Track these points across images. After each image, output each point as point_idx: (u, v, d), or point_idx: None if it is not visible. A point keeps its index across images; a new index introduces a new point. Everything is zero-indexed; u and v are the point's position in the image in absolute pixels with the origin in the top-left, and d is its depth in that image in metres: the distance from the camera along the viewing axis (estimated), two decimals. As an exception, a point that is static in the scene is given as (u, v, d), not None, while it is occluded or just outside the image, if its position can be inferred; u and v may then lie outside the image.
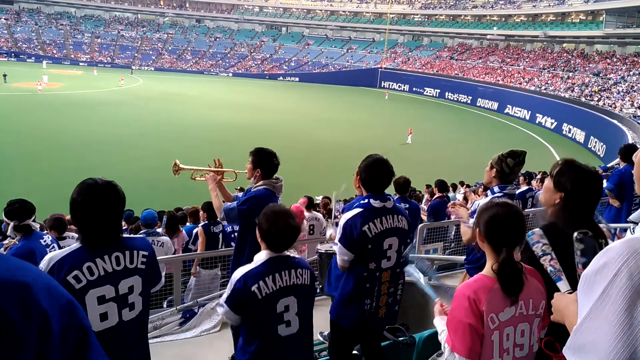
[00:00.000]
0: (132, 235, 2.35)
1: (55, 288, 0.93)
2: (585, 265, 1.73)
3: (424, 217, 7.81)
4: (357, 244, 2.94)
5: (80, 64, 65.48)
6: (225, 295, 2.45)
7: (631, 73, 39.37)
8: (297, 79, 67.54)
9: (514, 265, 1.90)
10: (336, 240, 3.01)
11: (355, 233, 2.91)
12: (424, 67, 63.77)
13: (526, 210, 6.11)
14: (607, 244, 2.03)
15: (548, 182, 2.17)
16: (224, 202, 3.83)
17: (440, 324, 2.09)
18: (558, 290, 1.74)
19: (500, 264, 1.86)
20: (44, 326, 0.85)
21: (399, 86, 62.33)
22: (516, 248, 1.94)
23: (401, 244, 3.09)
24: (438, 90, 57.17)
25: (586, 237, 1.76)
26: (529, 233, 1.79)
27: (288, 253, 2.57)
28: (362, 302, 3.02)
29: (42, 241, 3.89)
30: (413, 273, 2.62)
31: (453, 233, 7.28)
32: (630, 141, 22.01)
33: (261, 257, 2.50)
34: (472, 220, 3.42)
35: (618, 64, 43.16)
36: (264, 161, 3.62)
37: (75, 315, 0.94)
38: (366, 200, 3.01)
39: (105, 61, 69.08)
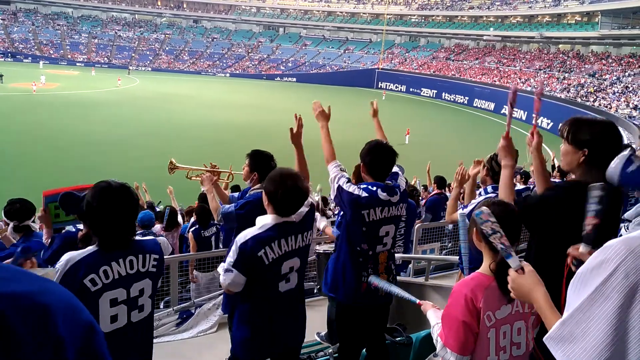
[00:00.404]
0: (143, 238, 2.35)
1: (76, 310, 0.88)
2: (597, 214, 1.70)
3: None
4: (352, 220, 2.95)
5: (77, 64, 65.24)
6: (230, 260, 2.40)
7: (626, 74, 39.53)
8: (294, 79, 67.49)
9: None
10: (345, 185, 2.95)
11: (353, 210, 2.91)
12: (420, 68, 63.84)
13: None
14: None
15: (564, 146, 2.12)
16: (221, 204, 3.82)
17: (433, 316, 2.09)
18: (556, 287, 1.75)
19: (498, 263, 1.85)
20: (58, 353, 0.81)
21: (396, 87, 62.37)
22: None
23: (396, 230, 3.11)
24: (435, 91, 57.22)
25: (605, 189, 1.74)
26: (476, 212, 1.75)
27: (294, 219, 2.52)
28: (358, 274, 3.01)
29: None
30: (380, 282, 2.59)
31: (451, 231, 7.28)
32: (625, 141, 22.08)
33: (267, 221, 2.45)
34: (462, 211, 3.44)
35: (613, 64, 43.31)
36: (261, 165, 3.60)
37: (92, 341, 0.89)
38: (374, 189, 2.95)
39: (103, 61, 68.90)
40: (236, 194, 4.00)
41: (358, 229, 2.95)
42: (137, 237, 2.29)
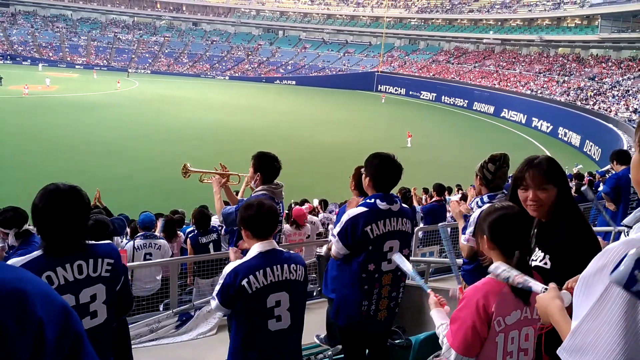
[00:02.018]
0: (98, 242, 2.26)
1: (51, 295, 0.93)
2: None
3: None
4: (357, 244, 2.92)
5: (77, 66, 65.34)
6: (216, 289, 2.45)
7: (626, 77, 39.56)
8: (293, 82, 67.53)
9: (529, 268, 1.90)
10: (334, 232, 2.98)
11: (357, 233, 2.89)
12: (420, 71, 63.91)
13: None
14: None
15: (541, 193, 2.16)
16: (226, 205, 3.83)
17: (438, 316, 2.08)
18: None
19: (515, 267, 1.84)
20: (39, 335, 0.86)
21: (396, 90, 62.37)
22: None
23: (402, 247, 3.06)
24: (434, 94, 57.25)
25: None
26: (489, 270, 1.76)
27: (280, 248, 2.56)
28: (359, 303, 3.01)
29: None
30: (404, 265, 2.56)
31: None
32: (625, 145, 22.12)
33: (253, 251, 2.49)
34: (468, 231, 3.36)
35: (613, 68, 43.36)
36: (265, 166, 3.61)
37: (69, 322, 0.94)
38: (372, 201, 2.97)
39: (102, 64, 68.91)
40: (245, 198, 4.01)
41: (365, 249, 2.93)
42: (92, 242, 2.20)
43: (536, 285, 1.61)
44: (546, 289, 1.57)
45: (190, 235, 6.03)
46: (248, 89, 56.36)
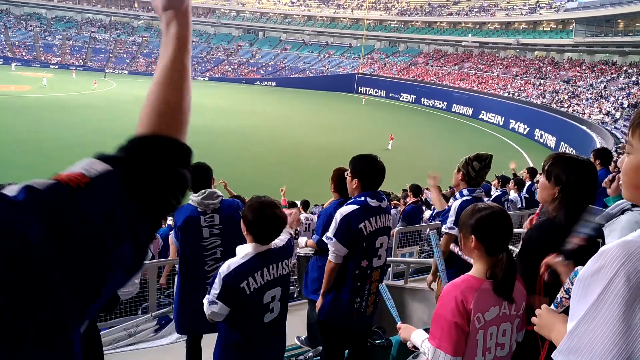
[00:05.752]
0: None
1: None
2: (587, 238, 1.76)
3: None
4: (352, 241, 2.97)
5: (51, 66, 64.03)
6: (215, 292, 2.39)
7: (599, 81, 40.51)
8: (274, 83, 67.39)
9: (515, 268, 1.92)
10: (330, 235, 3.00)
11: (352, 229, 2.95)
12: (400, 73, 64.41)
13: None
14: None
15: (542, 179, 2.13)
16: None
17: (418, 335, 2.07)
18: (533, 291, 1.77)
19: (505, 266, 1.87)
20: None
21: (376, 92, 62.74)
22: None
23: (388, 241, 3.18)
24: (414, 96, 57.76)
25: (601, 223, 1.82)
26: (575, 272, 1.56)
27: (274, 245, 2.54)
28: (352, 301, 3.05)
29: None
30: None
31: (427, 234, 7.34)
32: (597, 146, 22.62)
33: (247, 250, 2.45)
34: (449, 220, 3.44)
35: (587, 71, 44.36)
36: (195, 175, 3.58)
37: None
38: (363, 198, 3.03)
39: (77, 64, 67.68)
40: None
41: (359, 246, 2.98)
42: None
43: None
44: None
45: (173, 233, 5.93)
46: (228, 90, 55.97)
